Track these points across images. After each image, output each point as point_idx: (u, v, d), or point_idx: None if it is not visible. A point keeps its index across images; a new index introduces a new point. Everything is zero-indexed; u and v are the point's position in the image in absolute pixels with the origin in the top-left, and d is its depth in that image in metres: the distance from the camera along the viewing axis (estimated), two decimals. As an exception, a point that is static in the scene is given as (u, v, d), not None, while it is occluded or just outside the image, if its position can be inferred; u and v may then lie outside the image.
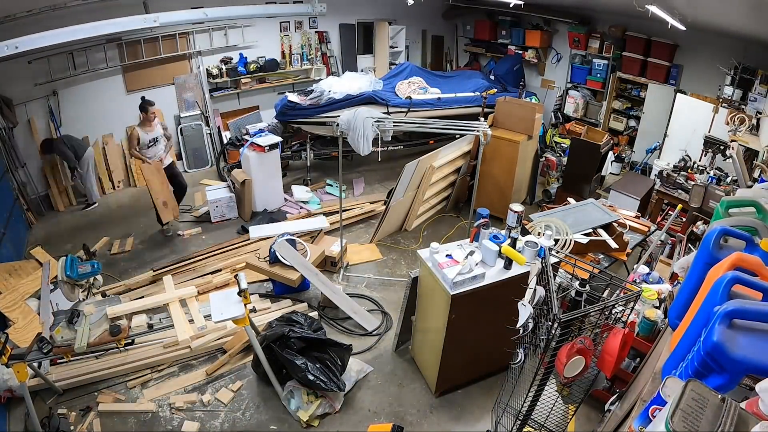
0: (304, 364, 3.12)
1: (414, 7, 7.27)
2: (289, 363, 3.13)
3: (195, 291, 3.53)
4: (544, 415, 2.34)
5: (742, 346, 1.18)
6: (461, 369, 3.34)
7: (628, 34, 6.80)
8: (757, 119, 5.08)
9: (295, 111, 6.05)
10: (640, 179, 6.04)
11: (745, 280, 1.35)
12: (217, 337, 3.72)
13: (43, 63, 5.40)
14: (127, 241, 5.15)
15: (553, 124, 8.02)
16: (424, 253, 3.09)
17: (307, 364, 3.12)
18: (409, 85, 6.77)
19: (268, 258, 4.26)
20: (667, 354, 1.68)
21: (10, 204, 5.09)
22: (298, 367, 3.10)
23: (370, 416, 3.28)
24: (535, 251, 2.79)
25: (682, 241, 4.18)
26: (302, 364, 3.11)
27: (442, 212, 5.98)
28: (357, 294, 4.43)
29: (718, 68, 5.55)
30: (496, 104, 5.82)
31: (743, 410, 1.03)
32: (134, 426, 3.15)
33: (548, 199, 6.13)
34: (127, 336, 2.83)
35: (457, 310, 2.85)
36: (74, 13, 5.24)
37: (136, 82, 6.29)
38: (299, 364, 3.11)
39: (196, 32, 6.59)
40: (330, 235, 5.08)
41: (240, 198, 5.59)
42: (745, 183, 4.17)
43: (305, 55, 7.71)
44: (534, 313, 2.00)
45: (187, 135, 6.84)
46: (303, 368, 3.10)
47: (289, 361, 3.12)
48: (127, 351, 3.50)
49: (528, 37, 8.23)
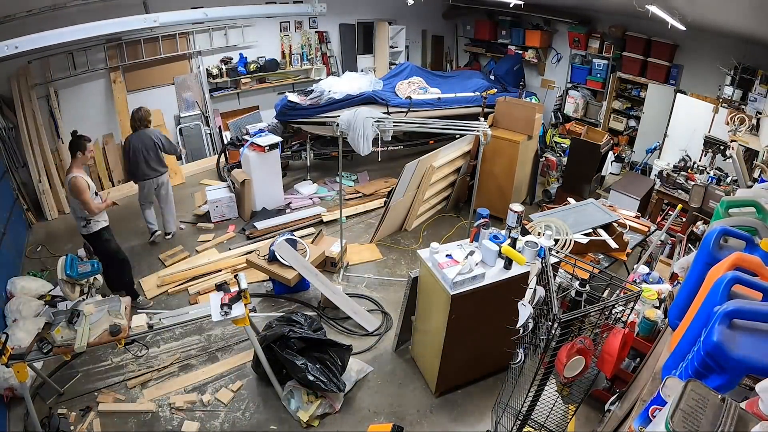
0: (304, 364, 3.11)
1: (414, 7, 7.27)
2: (289, 363, 3.13)
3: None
4: (544, 415, 2.34)
5: (742, 346, 1.18)
6: (461, 369, 3.34)
7: (628, 34, 6.80)
8: (757, 119, 5.08)
9: (295, 111, 6.05)
10: (640, 179, 6.04)
11: (745, 280, 1.35)
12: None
13: (42, 63, 5.41)
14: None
15: (553, 124, 8.02)
16: (424, 253, 3.09)
17: (307, 365, 3.12)
18: (409, 85, 6.77)
19: (267, 255, 4.28)
20: (667, 354, 1.68)
21: (10, 204, 5.09)
22: (298, 368, 3.10)
23: (370, 416, 3.28)
24: (535, 251, 2.79)
25: (682, 241, 4.18)
26: (302, 364, 3.11)
27: (442, 212, 5.98)
28: (357, 294, 4.43)
29: (718, 68, 5.55)
30: (496, 104, 5.82)
31: (743, 410, 1.03)
32: (134, 426, 3.15)
33: (548, 199, 6.13)
34: (127, 336, 2.83)
35: (457, 310, 2.85)
36: (74, 13, 5.24)
37: (136, 82, 6.30)
38: (299, 364, 3.10)
39: (196, 32, 6.59)
40: (330, 235, 5.09)
41: (240, 198, 5.59)
42: (745, 183, 4.17)
43: (305, 55, 7.71)
44: (534, 313, 2.00)
45: (186, 135, 6.85)
46: (303, 368, 3.10)
47: (289, 361, 3.12)
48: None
49: (528, 37, 8.23)
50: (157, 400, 3.31)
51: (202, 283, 4.47)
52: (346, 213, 5.72)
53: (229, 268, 4.62)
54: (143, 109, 4.80)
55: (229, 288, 3.02)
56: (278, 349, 3.17)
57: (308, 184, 6.34)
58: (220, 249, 5.08)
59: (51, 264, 4.75)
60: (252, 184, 5.51)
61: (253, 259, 4.35)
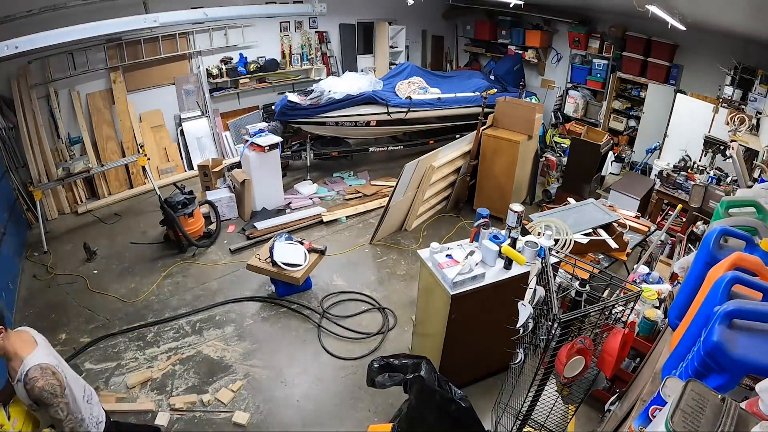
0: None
1: (414, 7, 7.27)
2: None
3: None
4: (544, 415, 2.34)
5: (742, 346, 1.18)
6: (461, 369, 3.33)
7: (628, 34, 6.80)
8: (757, 119, 5.08)
9: (295, 111, 6.05)
10: (640, 179, 6.04)
11: (745, 280, 1.35)
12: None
13: (42, 63, 5.41)
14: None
15: (553, 124, 8.02)
16: (424, 253, 3.09)
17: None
18: (409, 85, 6.77)
19: (269, 258, 4.26)
20: (667, 354, 1.68)
21: (11, 204, 5.09)
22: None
23: (370, 416, 3.28)
24: (535, 251, 2.79)
25: (682, 241, 4.18)
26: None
27: (442, 212, 5.98)
28: (356, 291, 4.44)
29: (718, 68, 5.54)
30: (496, 104, 5.82)
31: (743, 410, 1.03)
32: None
33: (548, 199, 6.12)
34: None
35: (457, 310, 2.85)
36: (74, 13, 5.24)
37: (136, 82, 6.30)
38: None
39: (196, 32, 6.58)
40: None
41: (240, 198, 5.59)
42: (745, 183, 4.17)
43: (305, 55, 7.71)
44: (534, 313, 2.00)
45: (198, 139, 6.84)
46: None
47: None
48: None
49: (528, 37, 8.23)
50: (157, 400, 3.31)
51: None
52: (346, 213, 5.74)
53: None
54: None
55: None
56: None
57: (308, 184, 6.35)
58: (221, 249, 5.09)
59: (51, 264, 4.77)
60: (252, 184, 5.51)
61: (256, 263, 4.28)
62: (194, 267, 4.80)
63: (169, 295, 4.38)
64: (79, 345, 3.75)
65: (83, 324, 4.00)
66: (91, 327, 3.97)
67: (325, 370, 3.63)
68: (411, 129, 6.91)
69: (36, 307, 4.21)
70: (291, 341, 3.90)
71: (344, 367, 3.66)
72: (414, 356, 2.72)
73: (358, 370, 3.61)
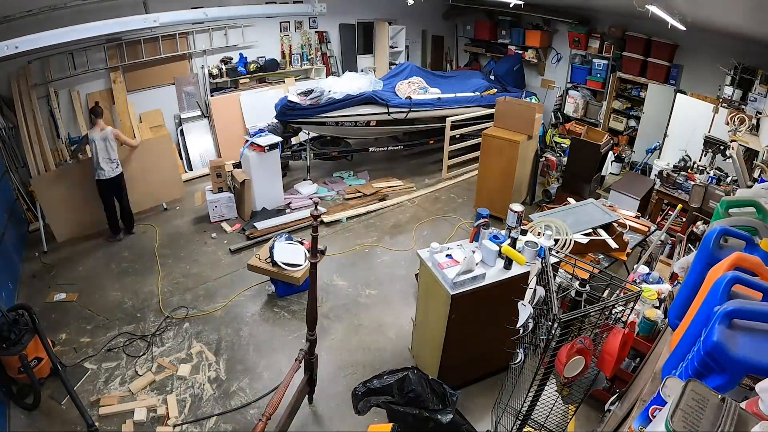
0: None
1: (414, 7, 7.27)
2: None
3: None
4: (544, 415, 2.34)
5: (742, 346, 1.18)
6: (461, 369, 3.33)
7: (628, 34, 6.80)
8: (757, 119, 5.08)
9: (295, 111, 6.05)
10: (640, 179, 6.04)
11: (745, 280, 1.35)
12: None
13: (42, 63, 5.40)
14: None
15: (553, 124, 8.02)
16: (424, 253, 3.09)
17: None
18: (409, 85, 6.77)
19: (269, 258, 4.26)
20: (667, 354, 1.68)
21: (11, 204, 5.09)
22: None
23: (371, 416, 3.27)
24: (535, 251, 2.79)
25: (682, 241, 4.18)
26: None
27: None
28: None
29: (718, 68, 5.54)
30: (496, 104, 5.81)
31: (743, 410, 1.03)
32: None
33: (548, 199, 6.12)
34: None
35: (457, 310, 2.85)
36: (74, 13, 5.24)
37: (136, 82, 6.30)
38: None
39: (196, 32, 6.59)
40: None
41: (239, 198, 5.59)
42: (745, 183, 4.17)
43: (305, 55, 7.71)
44: (534, 313, 2.00)
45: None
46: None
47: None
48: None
49: (528, 37, 8.23)
50: (157, 401, 3.31)
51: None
52: (346, 214, 5.73)
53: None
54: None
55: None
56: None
57: (308, 184, 6.34)
58: (221, 249, 5.09)
59: (51, 264, 4.76)
60: (252, 184, 5.51)
61: (256, 263, 4.29)
62: (194, 267, 4.80)
63: (170, 295, 4.38)
64: (80, 345, 3.75)
65: (83, 324, 4.00)
66: (91, 327, 3.97)
67: (325, 370, 3.63)
68: (411, 129, 6.91)
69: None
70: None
71: (344, 367, 3.67)
72: (398, 370, 2.71)
73: (358, 370, 3.61)
